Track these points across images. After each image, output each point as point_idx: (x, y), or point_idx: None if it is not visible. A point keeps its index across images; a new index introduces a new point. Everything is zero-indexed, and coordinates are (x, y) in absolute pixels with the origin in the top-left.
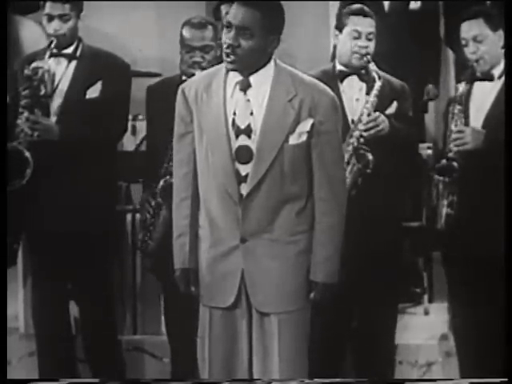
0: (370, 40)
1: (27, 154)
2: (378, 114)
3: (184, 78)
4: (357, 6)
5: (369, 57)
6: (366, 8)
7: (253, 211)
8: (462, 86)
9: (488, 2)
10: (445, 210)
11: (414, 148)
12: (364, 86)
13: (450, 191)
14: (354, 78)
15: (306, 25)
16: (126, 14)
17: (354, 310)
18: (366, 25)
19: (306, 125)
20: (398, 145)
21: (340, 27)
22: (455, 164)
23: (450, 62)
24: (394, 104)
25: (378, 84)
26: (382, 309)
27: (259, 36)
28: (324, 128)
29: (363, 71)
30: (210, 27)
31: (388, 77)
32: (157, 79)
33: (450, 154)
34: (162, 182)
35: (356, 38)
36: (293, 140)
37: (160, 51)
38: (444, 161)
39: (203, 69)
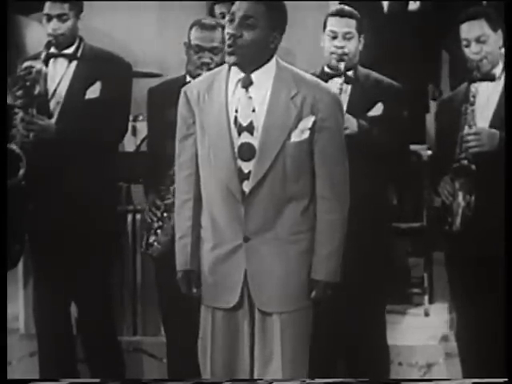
0: (347, 40)
1: (20, 153)
2: (347, 115)
3: (188, 79)
4: (337, 7)
5: (345, 57)
6: (346, 8)
7: (256, 209)
8: (474, 87)
9: (484, 3)
10: (461, 211)
11: (402, 149)
12: (349, 87)
13: (466, 192)
14: (339, 79)
15: (307, 25)
16: (129, 14)
17: (348, 309)
18: (343, 25)
19: (307, 122)
20: (370, 145)
21: (324, 29)
22: (473, 166)
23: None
24: (379, 105)
25: (348, 86)
26: (371, 309)
27: (262, 29)
28: (326, 125)
29: (350, 73)
30: (219, 29)
31: (380, 78)
32: (158, 80)
33: (464, 155)
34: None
35: (333, 38)
36: (295, 137)
37: (161, 52)
38: (460, 162)
39: (210, 70)
